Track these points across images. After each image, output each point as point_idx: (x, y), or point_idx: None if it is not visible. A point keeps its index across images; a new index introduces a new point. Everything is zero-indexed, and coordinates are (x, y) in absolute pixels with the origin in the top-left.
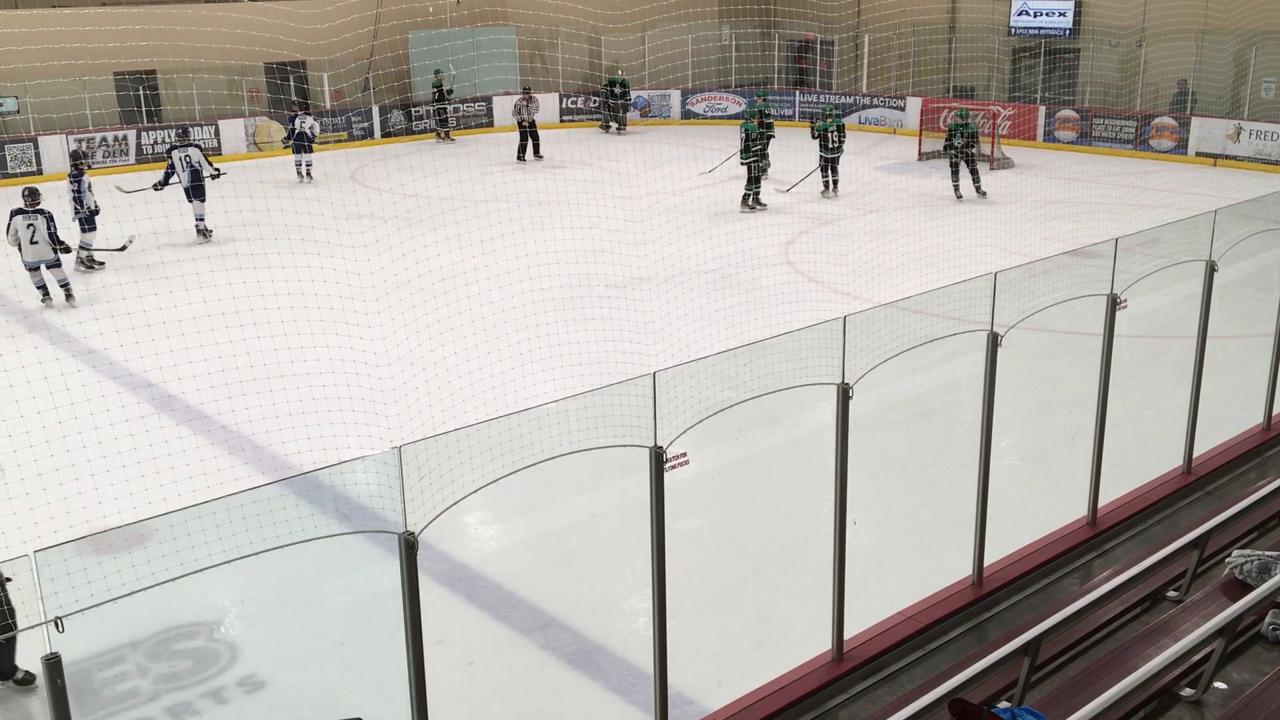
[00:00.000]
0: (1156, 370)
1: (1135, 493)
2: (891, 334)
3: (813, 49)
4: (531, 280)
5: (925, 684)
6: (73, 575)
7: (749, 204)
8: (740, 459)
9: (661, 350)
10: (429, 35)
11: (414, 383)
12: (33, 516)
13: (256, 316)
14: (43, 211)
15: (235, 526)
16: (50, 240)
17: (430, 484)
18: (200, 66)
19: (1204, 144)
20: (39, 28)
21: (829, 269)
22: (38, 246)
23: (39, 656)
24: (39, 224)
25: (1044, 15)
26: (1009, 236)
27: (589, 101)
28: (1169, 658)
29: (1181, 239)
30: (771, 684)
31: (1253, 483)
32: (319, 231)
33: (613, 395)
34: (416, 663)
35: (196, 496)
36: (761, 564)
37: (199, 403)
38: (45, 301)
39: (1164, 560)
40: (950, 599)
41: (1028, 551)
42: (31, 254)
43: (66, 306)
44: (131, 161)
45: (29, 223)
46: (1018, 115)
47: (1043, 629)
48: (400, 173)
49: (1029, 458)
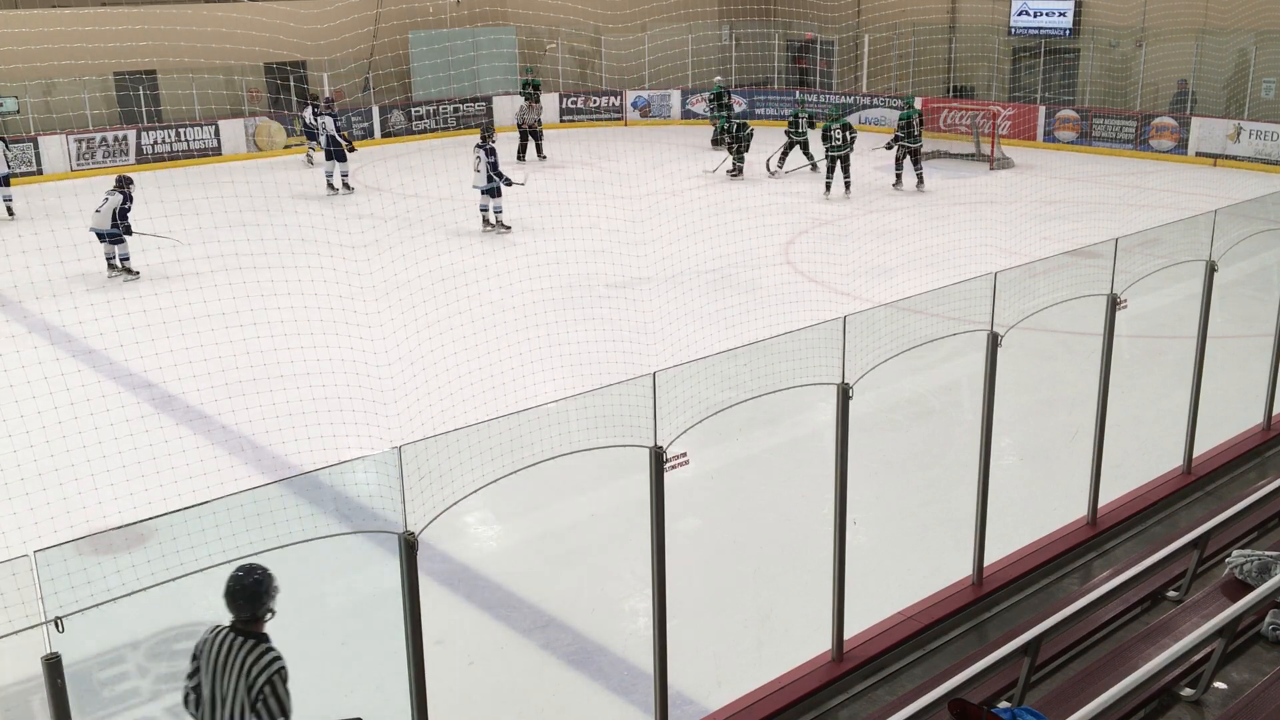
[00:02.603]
0: (1156, 370)
1: (1135, 493)
2: (891, 334)
3: (813, 49)
4: (531, 280)
5: (925, 684)
6: (73, 575)
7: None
8: (740, 459)
9: (661, 350)
10: (429, 35)
11: (414, 383)
12: (33, 516)
13: (256, 316)
14: (122, 193)
15: (235, 526)
16: (112, 216)
17: (430, 484)
18: (200, 66)
19: (1204, 144)
20: (39, 28)
21: (829, 269)
22: (99, 216)
23: (39, 656)
24: (113, 200)
25: (1044, 15)
26: (1009, 236)
27: (589, 101)
28: (1169, 658)
29: (1181, 239)
30: (771, 684)
31: (1253, 483)
32: (319, 231)
33: (613, 395)
34: (416, 663)
35: (196, 496)
36: (761, 564)
37: (199, 403)
38: (110, 274)
39: (1164, 560)
40: (950, 599)
41: (1028, 551)
42: (93, 221)
43: (122, 279)
44: (131, 161)
45: (106, 196)
46: (1018, 115)
47: (1043, 629)
48: (400, 173)
49: (1029, 458)
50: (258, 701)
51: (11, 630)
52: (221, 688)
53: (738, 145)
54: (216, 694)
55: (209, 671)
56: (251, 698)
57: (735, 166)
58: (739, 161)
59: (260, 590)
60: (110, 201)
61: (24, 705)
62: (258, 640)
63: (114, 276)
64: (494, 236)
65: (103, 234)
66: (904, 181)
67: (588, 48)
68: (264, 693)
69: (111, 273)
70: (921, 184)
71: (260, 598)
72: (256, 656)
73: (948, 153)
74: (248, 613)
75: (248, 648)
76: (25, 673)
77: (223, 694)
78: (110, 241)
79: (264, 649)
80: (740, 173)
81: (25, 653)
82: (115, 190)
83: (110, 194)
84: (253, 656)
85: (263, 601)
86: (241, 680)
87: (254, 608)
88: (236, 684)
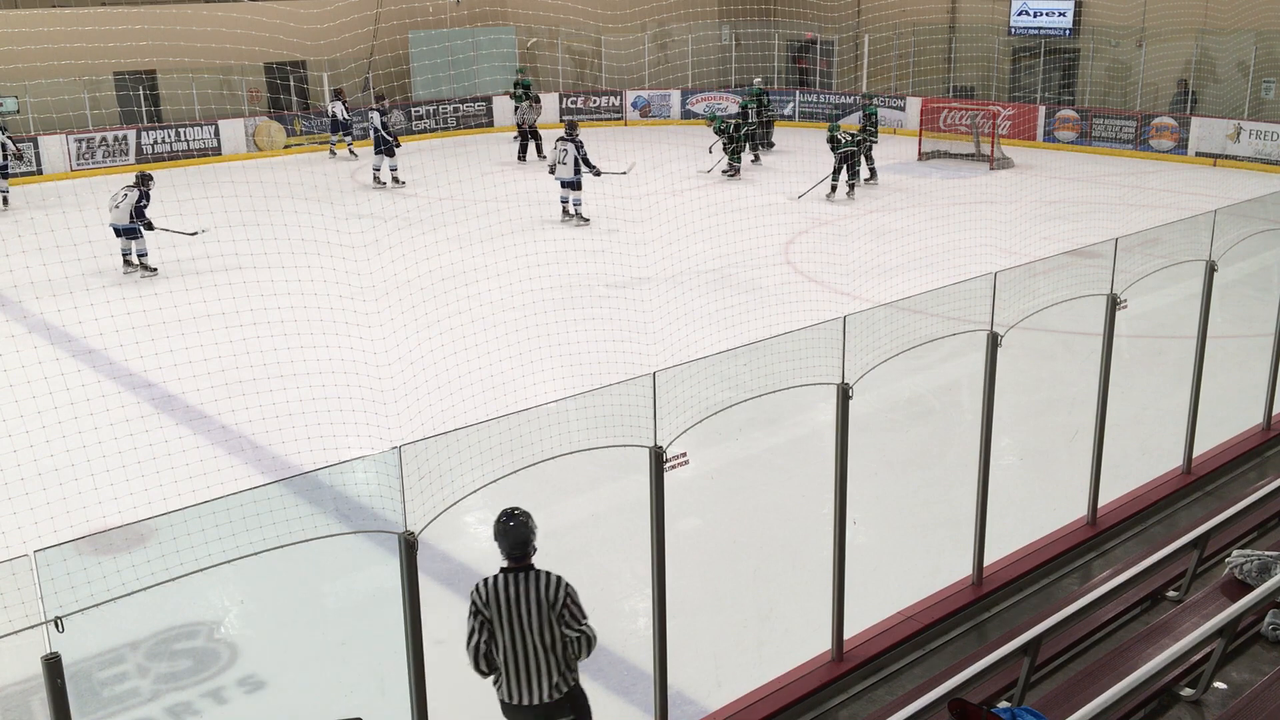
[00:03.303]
0: (1156, 370)
1: (1135, 493)
2: (891, 334)
3: (813, 49)
4: (531, 280)
5: (925, 684)
6: (73, 575)
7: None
8: (740, 459)
9: (661, 350)
10: (429, 35)
11: (414, 383)
12: (33, 516)
13: (256, 316)
14: (139, 189)
15: (235, 526)
16: (130, 213)
17: (430, 484)
18: (200, 66)
19: (1204, 144)
20: (39, 28)
21: (829, 269)
22: (117, 211)
23: (39, 656)
24: (130, 196)
25: (1044, 15)
26: (1009, 236)
27: (588, 101)
28: (1169, 658)
29: (1181, 239)
30: (771, 684)
31: (1252, 483)
32: (319, 231)
33: (613, 395)
34: (416, 663)
35: (196, 496)
36: (761, 564)
37: (199, 403)
38: (126, 270)
39: (1164, 560)
40: (950, 599)
41: (1027, 551)
42: (111, 217)
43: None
44: (131, 161)
45: (124, 191)
46: (1017, 115)
47: (1042, 629)
48: (400, 172)
49: (1029, 458)
50: (563, 613)
51: (11, 630)
52: (522, 620)
53: (734, 145)
54: (517, 628)
55: (504, 612)
56: (556, 613)
57: (732, 166)
58: (735, 161)
59: (529, 530)
60: (129, 198)
61: (24, 705)
62: (535, 570)
63: (130, 272)
64: (495, 236)
65: (120, 229)
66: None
67: (588, 48)
68: (566, 605)
69: (128, 269)
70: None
71: (530, 536)
72: (545, 581)
73: (948, 153)
74: (521, 551)
75: (533, 578)
76: (25, 673)
77: (524, 625)
78: (128, 237)
79: (547, 574)
80: (737, 173)
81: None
82: (134, 186)
83: (129, 190)
84: (542, 582)
85: (532, 539)
86: (541, 603)
87: (525, 546)
88: (535, 609)
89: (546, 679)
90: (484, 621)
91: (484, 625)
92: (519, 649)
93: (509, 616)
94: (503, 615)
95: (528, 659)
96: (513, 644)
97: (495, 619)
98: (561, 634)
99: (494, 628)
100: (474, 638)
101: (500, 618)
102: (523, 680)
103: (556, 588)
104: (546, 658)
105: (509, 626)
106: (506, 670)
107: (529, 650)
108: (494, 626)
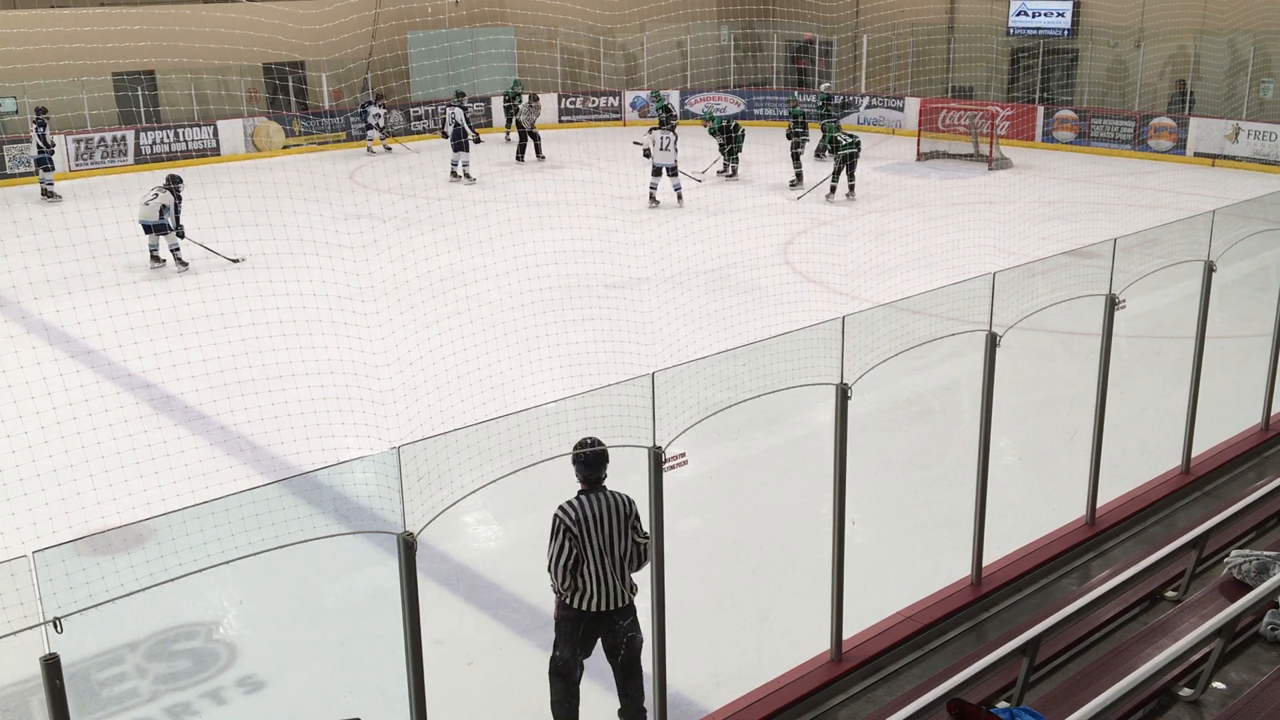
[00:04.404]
0: (1155, 370)
1: (1134, 493)
2: (890, 334)
3: (812, 49)
4: (531, 280)
5: (924, 684)
6: (71, 575)
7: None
8: (740, 459)
9: (660, 350)
10: (428, 35)
11: (414, 383)
12: (32, 516)
13: (256, 316)
14: (170, 190)
15: (235, 526)
16: (159, 211)
17: (429, 484)
18: (199, 67)
19: (1202, 144)
20: (38, 28)
21: (828, 269)
22: (146, 209)
23: (38, 657)
24: (162, 197)
25: (1042, 16)
26: (1007, 237)
27: (587, 102)
28: (1168, 658)
29: (1180, 239)
30: (771, 684)
31: (1251, 483)
32: (318, 232)
33: (612, 395)
34: (416, 663)
35: (196, 496)
36: (761, 564)
37: (199, 403)
38: (154, 265)
39: (1162, 560)
40: (949, 599)
41: (1026, 552)
42: (140, 213)
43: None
44: (130, 161)
45: (155, 192)
46: (1016, 115)
47: (1041, 629)
48: (400, 173)
49: (1028, 458)
50: (635, 523)
51: (10, 631)
52: (608, 530)
53: (731, 146)
54: (605, 539)
55: (594, 524)
56: (630, 523)
57: (728, 167)
58: (732, 162)
59: (604, 454)
60: (160, 198)
61: (23, 706)
62: (606, 489)
63: (157, 267)
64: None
65: (150, 226)
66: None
67: (587, 48)
68: (635, 514)
69: (154, 264)
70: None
71: (605, 459)
72: (619, 497)
73: (946, 153)
74: (598, 472)
75: (610, 494)
76: (24, 673)
77: (610, 535)
78: (157, 233)
79: (617, 492)
80: (735, 173)
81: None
82: (164, 188)
83: (159, 190)
84: (618, 498)
85: (606, 462)
86: (620, 515)
87: (600, 468)
88: (616, 519)
89: (623, 585)
90: (573, 538)
91: (573, 541)
92: (604, 559)
93: (596, 529)
94: (590, 529)
95: (609, 568)
96: (599, 555)
97: (584, 534)
98: (634, 541)
99: (583, 543)
100: (564, 553)
101: (588, 532)
102: (604, 588)
103: (628, 501)
104: (623, 567)
105: (597, 539)
106: (588, 580)
107: (612, 559)
108: (582, 541)
